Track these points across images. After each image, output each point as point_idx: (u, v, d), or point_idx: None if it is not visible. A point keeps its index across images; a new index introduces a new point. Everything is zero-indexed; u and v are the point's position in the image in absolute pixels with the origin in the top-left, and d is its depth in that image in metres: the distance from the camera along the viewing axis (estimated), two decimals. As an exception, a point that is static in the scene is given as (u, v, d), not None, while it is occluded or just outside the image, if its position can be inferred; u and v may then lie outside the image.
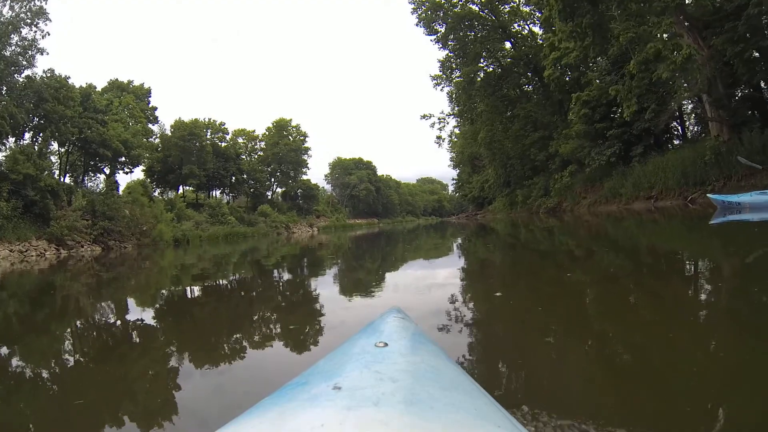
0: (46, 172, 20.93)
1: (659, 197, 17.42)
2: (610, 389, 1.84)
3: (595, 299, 3.62)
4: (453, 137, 47.48)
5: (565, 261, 6.33)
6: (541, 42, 30.67)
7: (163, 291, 6.57)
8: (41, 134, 22.64)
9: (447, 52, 32.67)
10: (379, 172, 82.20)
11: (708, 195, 13.11)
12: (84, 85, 26.24)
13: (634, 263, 5.36)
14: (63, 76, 23.23)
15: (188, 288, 6.66)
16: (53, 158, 25.46)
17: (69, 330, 3.96)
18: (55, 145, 24.96)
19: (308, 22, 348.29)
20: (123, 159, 27.16)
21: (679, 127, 23.38)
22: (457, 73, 33.95)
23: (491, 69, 32.62)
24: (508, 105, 32.30)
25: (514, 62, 32.06)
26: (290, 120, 52.76)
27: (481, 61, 32.17)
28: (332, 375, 0.76)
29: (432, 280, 5.19)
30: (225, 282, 7.14)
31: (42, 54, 21.43)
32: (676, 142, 22.73)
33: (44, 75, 22.02)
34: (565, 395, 1.80)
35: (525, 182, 31.20)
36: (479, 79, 32.39)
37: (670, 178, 16.97)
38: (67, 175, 27.24)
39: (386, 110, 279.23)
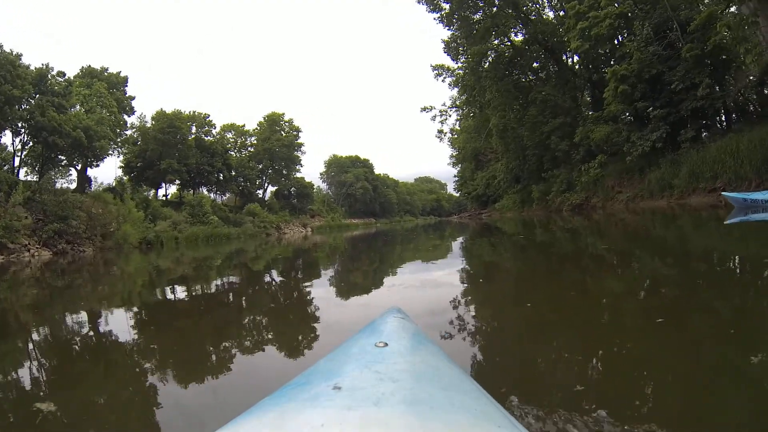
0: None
1: (727, 189, 14.21)
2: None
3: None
4: (454, 134, 44.45)
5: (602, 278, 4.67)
6: (554, 21, 27.84)
7: (120, 305, 5.57)
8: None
9: (452, 32, 29.48)
10: (376, 171, 79.39)
11: (723, 193, 12.33)
12: (41, 66, 22.30)
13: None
14: (15, 53, 20.24)
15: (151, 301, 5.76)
16: (10, 149, 22.62)
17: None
18: (9, 135, 21.86)
19: (302, 19, 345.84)
20: (86, 151, 23.45)
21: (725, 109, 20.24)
22: (462, 59, 30.93)
23: (502, 47, 29.24)
24: (519, 94, 29.05)
25: (526, 42, 28.85)
26: (282, 114, 49.76)
27: (491, 40, 28.77)
28: (332, 375, 0.74)
29: (425, 289, 4.69)
30: (201, 292, 6.30)
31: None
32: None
33: None
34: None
35: (543, 175, 27.38)
36: (489, 61, 29.03)
37: (745, 164, 13.65)
38: (34, 171, 24.61)
39: (383, 109, 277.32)
